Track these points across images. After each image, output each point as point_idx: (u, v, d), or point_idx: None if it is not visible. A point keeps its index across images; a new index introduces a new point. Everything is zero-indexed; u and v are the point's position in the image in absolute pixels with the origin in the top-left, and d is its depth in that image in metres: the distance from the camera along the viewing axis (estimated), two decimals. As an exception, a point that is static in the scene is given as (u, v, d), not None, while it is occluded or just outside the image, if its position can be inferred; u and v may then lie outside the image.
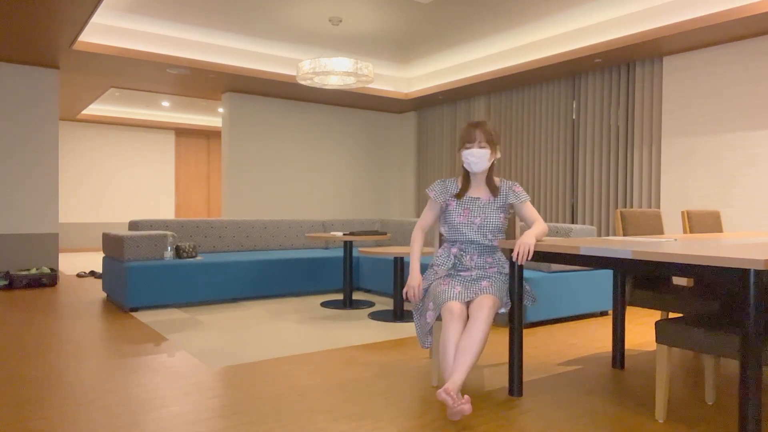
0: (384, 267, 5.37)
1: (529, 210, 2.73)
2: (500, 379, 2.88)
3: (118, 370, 2.95)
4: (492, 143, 2.70)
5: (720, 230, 4.06)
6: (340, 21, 5.74)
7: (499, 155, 2.76)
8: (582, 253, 2.29)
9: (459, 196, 2.72)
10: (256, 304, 5.02)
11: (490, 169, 2.75)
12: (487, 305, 2.45)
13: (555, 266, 4.27)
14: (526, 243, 2.45)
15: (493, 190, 2.73)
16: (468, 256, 2.69)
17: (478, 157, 2.66)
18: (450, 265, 2.72)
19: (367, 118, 8.93)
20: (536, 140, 6.98)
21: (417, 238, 2.80)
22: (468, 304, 2.54)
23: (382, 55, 7.03)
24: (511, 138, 7.30)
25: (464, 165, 2.72)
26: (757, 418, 1.86)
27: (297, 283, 5.41)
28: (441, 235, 2.90)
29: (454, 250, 2.72)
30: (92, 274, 6.98)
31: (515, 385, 2.62)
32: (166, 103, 9.85)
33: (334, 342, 3.63)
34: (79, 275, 6.97)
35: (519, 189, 2.76)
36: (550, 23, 5.78)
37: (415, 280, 2.67)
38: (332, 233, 5.02)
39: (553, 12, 5.48)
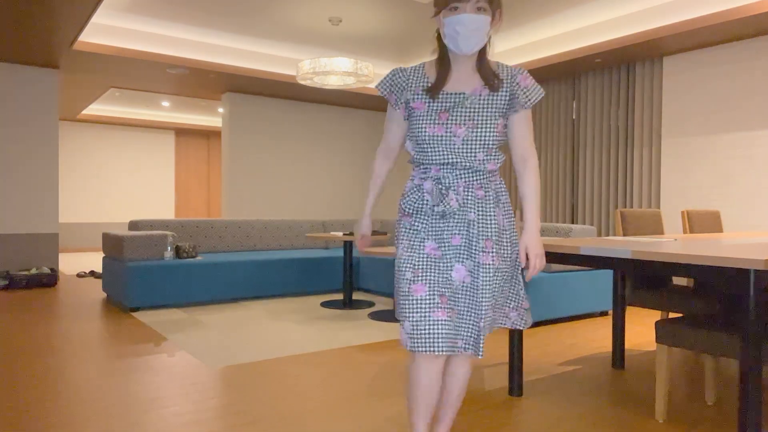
0: (384, 267, 5.37)
1: (525, 127, 1.73)
2: (500, 379, 2.88)
3: (118, 370, 2.95)
4: (495, 3, 1.64)
5: (720, 230, 4.06)
6: (340, 21, 5.74)
7: (501, 22, 1.70)
8: (582, 253, 2.29)
9: (433, 90, 1.67)
10: (256, 304, 5.02)
11: (487, 48, 1.71)
12: (463, 376, 1.84)
13: (555, 266, 4.27)
14: (536, 251, 1.68)
15: (489, 77, 1.68)
16: (450, 194, 1.66)
17: (472, 27, 1.58)
18: (428, 226, 1.69)
19: (367, 118, 8.93)
20: (536, 140, 6.98)
21: (378, 166, 1.86)
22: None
23: (382, 55, 7.03)
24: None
25: (444, 40, 1.65)
26: (757, 418, 1.86)
27: (297, 283, 5.41)
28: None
29: (428, 185, 1.69)
30: (92, 274, 6.98)
31: (515, 385, 2.62)
32: (166, 103, 9.85)
33: (334, 342, 3.63)
34: (79, 275, 6.97)
35: (530, 81, 1.71)
36: (550, 23, 5.78)
37: (362, 229, 1.88)
38: (332, 233, 5.02)
39: (553, 12, 5.48)
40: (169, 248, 4.85)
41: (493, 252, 1.66)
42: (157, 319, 4.28)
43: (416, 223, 1.70)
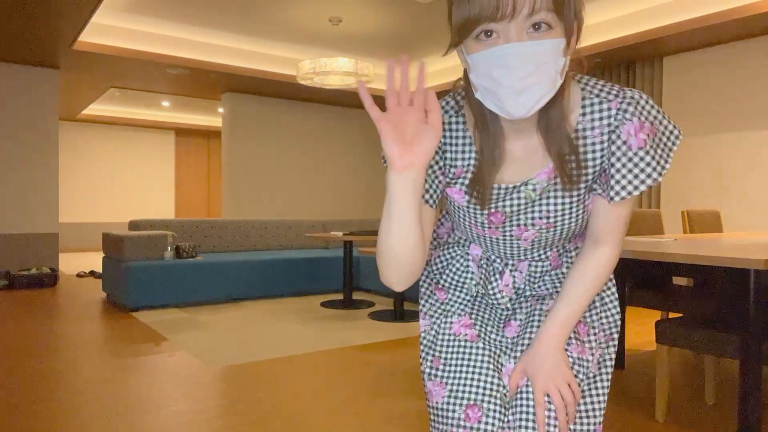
0: (384, 267, 5.36)
1: (619, 219, 0.93)
2: (500, 379, 2.88)
3: (118, 370, 2.95)
4: (570, 9, 0.78)
5: (720, 230, 4.06)
6: (340, 21, 5.74)
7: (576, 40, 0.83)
8: (582, 253, 2.29)
9: (478, 190, 0.93)
10: (256, 304, 5.02)
11: (563, 87, 0.85)
12: None
13: (555, 266, 4.27)
14: (547, 380, 0.92)
15: (563, 156, 0.88)
16: (506, 275, 1.04)
17: (526, 71, 0.77)
18: (472, 296, 1.07)
19: (367, 118, 8.93)
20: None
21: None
22: None
23: (382, 55, 7.03)
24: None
25: (476, 95, 0.85)
26: (757, 418, 1.86)
27: (297, 283, 5.41)
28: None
29: (476, 251, 1.07)
30: (92, 274, 6.98)
31: (515, 385, 2.61)
32: (166, 103, 9.85)
33: (334, 342, 3.63)
34: (79, 275, 6.97)
35: (648, 133, 0.87)
36: (550, 23, 5.78)
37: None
38: (332, 233, 5.02)
39: (553, 12, 5.48)
40: (169, 248, 4.85)
41: (584, 341, 0.98)
42: (157, 319, 4.27)
43: (450, 302, 1.06)
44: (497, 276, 1.03)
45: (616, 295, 1.06)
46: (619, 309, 1.05)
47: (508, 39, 0.76)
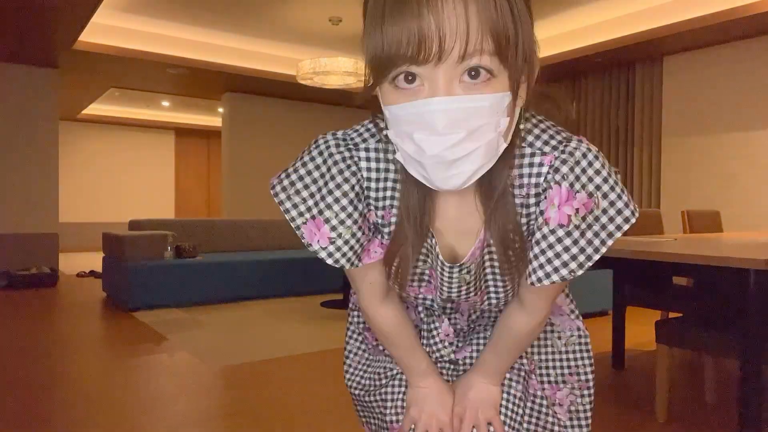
0: (384, 267, 5.37)
1: (540, 293, 0.76)
2: (500, 379, 2.87)
3: (119, 370, 2.95)
4: (517, 48, 0.57)
5: (720, 230, 4.06)
6: (340, 21, 5.74)
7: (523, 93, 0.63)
8: (582, 253, 2.29)
9: (396, 268, 0.74)
10: (256, 304, 5.02)
11: (511, 150, 0.67)
12: None
13: (555, 266, 4.26)
14: (472, 414, 0.85)
15: (503, 243, 0.70)
16: (446, 318, 0.87)
17: (455, 138, 0.57)
18: None
19: (367, 118, 8.93)
20: (536, 140, 6.99)
21: (393, 324, 0.83)
22: None
23: (382, 55, 7.03)
24: (511, 138, 7.30)
25: (396, 155, 0.64)
26: (757, 418, 1.86)
27: (297, 283, 5.41)
28: None
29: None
30: (92, 274, 6.98)
31: (515, 385, 2.61)
32: (166, 103, 9.84)
33: (334, 342, 3.63)
34: (79, 275, 6.96)
35: (573, 207, 0.66)
36: (550, 23, 5.78)
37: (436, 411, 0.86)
38: (332, 233, 5.01)
39: (553, 12, 5.48)
40: (169, 248, 4.84)
41: (536, 374, 0.91)
42: (157, 319, 4.27)
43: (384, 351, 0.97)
44: (436, 324, 0.87)
45: (589, 347, 0.96)
46: (591, 362, 0.96)
47: (434, 89, 0.57)
